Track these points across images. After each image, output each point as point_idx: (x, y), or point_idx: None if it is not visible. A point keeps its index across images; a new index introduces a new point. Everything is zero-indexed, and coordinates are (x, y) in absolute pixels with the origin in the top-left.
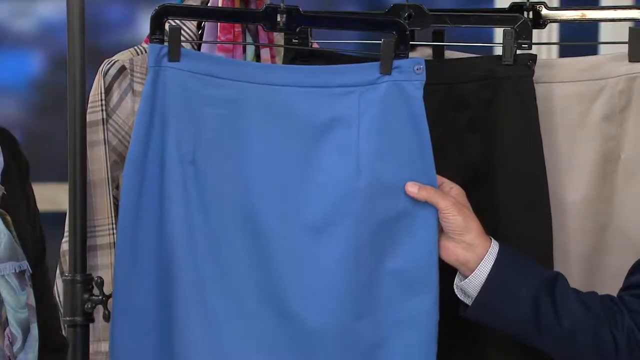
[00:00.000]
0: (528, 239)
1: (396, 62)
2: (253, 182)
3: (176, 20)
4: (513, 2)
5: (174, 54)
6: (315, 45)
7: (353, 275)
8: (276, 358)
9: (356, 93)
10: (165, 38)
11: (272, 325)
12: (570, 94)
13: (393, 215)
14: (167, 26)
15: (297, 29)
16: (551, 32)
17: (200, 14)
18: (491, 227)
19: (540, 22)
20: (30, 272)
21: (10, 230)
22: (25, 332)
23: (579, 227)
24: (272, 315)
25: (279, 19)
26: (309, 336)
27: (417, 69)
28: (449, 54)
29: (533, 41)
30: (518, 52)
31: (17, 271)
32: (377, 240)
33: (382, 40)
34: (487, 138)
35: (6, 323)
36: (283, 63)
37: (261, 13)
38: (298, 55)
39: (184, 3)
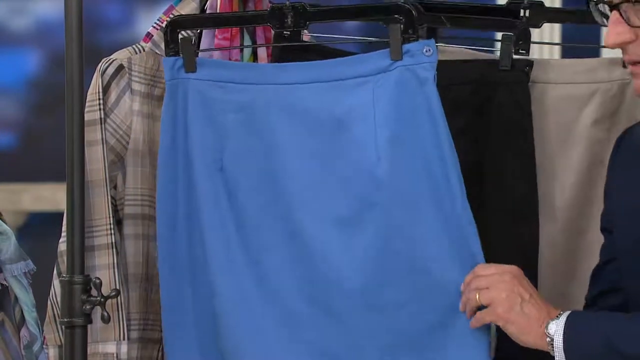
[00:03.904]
0: (515, 244)
1: (406, 47)
2: (281, 182)
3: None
4: (510, 0)
5: (190, 65)
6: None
7: (388, 265)
8: (325, 353)
9: (370, 82)
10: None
11: (319, 322)
12: (563, 96)
13: (422, 201)
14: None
15: (307, 25)
16: (553, 32)
17: (211, 22)
18: (482, 232)
19: (536, 21)
20: (35, 269)
21: None
22: (39, 331)
23: (563, 229)
24: (318, 313)
25: (286, 17)
26: (357, 330)
27: (427, 51)
28: (442, 49)
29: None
30: (515, 57)
31: (26, 271)
32: (409, 227)
33: (389, 25)
34: (480, 142)
35: (21, 323)
36: (272, 58)
37: (268, 13)
38: (291, 50)
39: (182, 3)
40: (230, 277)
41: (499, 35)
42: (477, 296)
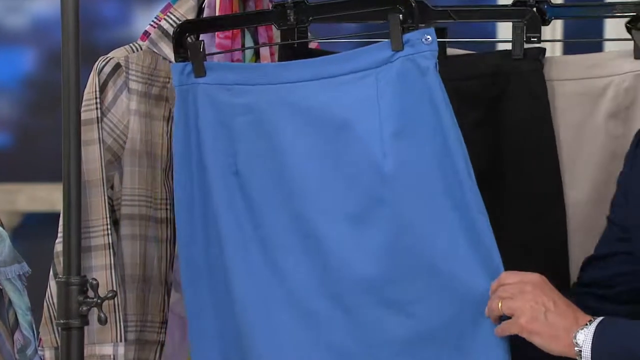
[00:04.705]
0: (543, 237)
1: (405, 37)
2: (291, 182)
3: (172, 17)
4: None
5: (199, 70)
6: (314, 43)
7: (400, 260)
8: (341, 351)
9: (372, 75)
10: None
11: (336, 321)
12: (575, 92)
13: (429, 194)
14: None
15: (309, 21)
16: (555, 29)
17: (218, 24)
18: (504, 225)
19: (544, 18)
20: (30, 272)
21: None
22: (33, 334)
23: (582, 226)
24: (335, 311)
25: (288, 14)
26: (371, 327)
27: (426, 39)
28: (451, 52)
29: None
30: (526, 46)
31: (20, 273)
32: (419, 222)
33: (389, 15)
34: (498, 134)
35: (15, 327)
36: (278, 60)
37: (272, 13)
38: (296, 52)
39: (179, 2)
40: (249, 278)
41: (500, 36)
42: (500, 305)
